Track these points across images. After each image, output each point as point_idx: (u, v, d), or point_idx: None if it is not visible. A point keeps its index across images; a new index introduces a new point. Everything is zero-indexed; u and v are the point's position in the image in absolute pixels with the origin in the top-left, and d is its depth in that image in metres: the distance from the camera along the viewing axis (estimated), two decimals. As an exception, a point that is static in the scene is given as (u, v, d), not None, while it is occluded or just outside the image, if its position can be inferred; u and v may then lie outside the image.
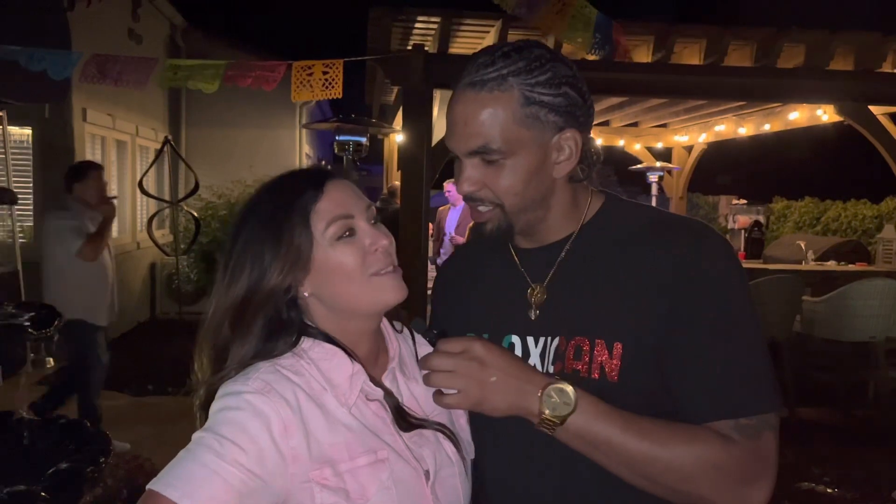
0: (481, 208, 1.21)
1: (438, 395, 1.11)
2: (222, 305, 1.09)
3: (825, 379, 6.22)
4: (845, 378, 6.08)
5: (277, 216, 1.10)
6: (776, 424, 1.10)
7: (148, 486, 0.97)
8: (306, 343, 1.11)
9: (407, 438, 1.12)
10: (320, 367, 1.09)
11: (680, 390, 1.10)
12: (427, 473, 1.11)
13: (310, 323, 1.14)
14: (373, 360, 1.18)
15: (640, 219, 1.23)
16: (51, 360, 6.92)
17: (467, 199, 1.22)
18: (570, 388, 1.05)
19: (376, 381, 1.14)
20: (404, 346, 1.25)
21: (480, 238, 1.25)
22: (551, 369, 1.17)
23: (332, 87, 4.99)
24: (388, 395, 1.13)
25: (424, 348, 1.26)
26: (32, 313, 2.55)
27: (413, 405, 1.17)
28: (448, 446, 1.17)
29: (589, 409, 1.06)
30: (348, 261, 1.10)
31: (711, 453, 1.05)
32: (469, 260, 1.42)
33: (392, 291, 1.13)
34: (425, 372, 1.11)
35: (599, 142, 10.86)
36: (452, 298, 1.37)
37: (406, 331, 1.28)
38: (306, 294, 1.12)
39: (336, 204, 1.11)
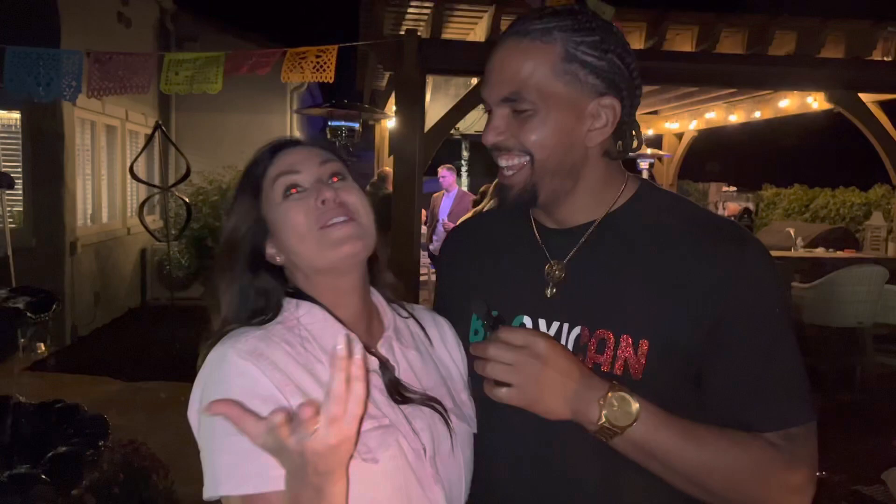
0: (507, 162, 1.14)
1: (490, 386, 1.05)
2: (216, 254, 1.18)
3: (813, 364, 6.27)
4: (833, 363, 6.14)
5: (241, 184, 1.17)
6: (816, 431, 1.10)
7: (214, 494, 0.96)
8: (301, 310, 1.10)
9: (405, 410, 1.08)
10: (313, 332, 1.08)
11: (723, 397, 1.08)
12: (425, 448, 1.08)
13: (301, 292, 1.13)
14: (363, 328, 1.14)
15: (678, 213, 1.16)
16: (42, 345, 6.91)
17: (493, 150, 1.15)
18: (631, 398, 1.02)
19: (371, 350, 1.10)
20: (399, 320, 1.21)
21: (502, 207, 1.19)
22: None
23: (324, 70, 4.98)
24: (384, 366, 1.10)
25: (431, 324, 1.24)
26: (29, 297, 2.54)
27: (409, 375, 1.14)
28: (442, 421, 1.12)
29: (650, 419, 1.02)
30: (293, 217, 1.10)
31: (765, 462, 1.03)
32: (486, 227, 1.35)
33: (344, 244, 1.08)
34: (478, 359, 1.05)
35: (650, 132, 10.73)
36: (463, 264, 1.30)
37: (400, 307, 1.24)
38: (279, 259, 1.14)
39: (282, 165, 1.13)
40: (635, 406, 1.01)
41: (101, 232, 8.49)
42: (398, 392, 1.09)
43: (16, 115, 7.27)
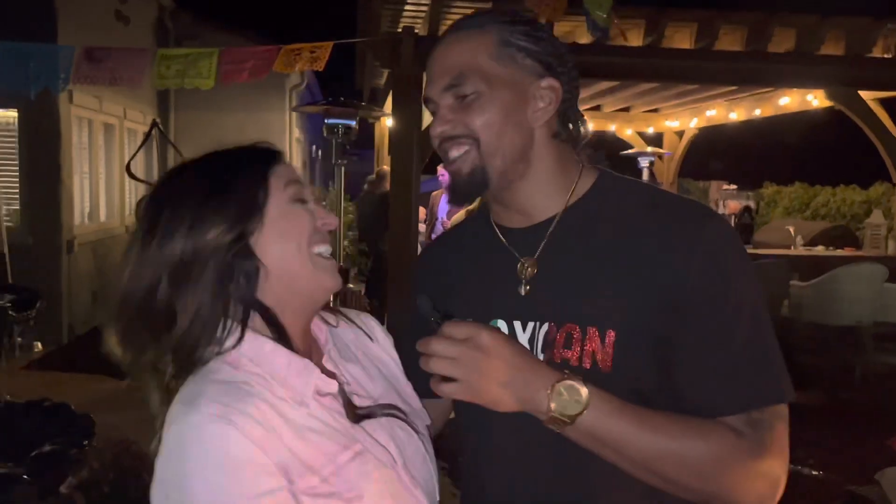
0: (454, 152, 1.14)
1: (436, 382, 1.03)
2: (154, 265, 0.99)
3: (812, 362, 6.26)
4: (832, 362, 6.13)
5: (230, 168, 1.07)
6: (786, 414, 1.07)
7: None
8: (245, 346, 1.00)
9: (365, 426, 1.05)
10: (263, 367, 1.00)
11: (687, 382, 1.06)
12: (395, 458, 1.05)
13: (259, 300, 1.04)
14: (308, 352, 1.09)
15: (638, 197, 1.16)
16: (39, 344, 6.91)
17: (442, 143, 1.15)
18: (581, 386, 1.00)
19: (326, 371, 1.06)
20: (332, 332, 1.18)
21: (452, 200, 1.19)
22: (541, 357, 1.10)
23: (316, 61, 4.98)
24: (341, 387, 1.06)
25: (351, 329, 1.22)
26: (13, 295, 2.52)
27: (357, 389, 1.10)
28: (400, 425, 1.10)
29: (601, 406, 1.00)
30: (300, 223, 1.05)
31: (725, 449, 1.01)
32: (451, 243, 1.37)
33: (332, 278, 1.07)
34: (423, 356, 1.03)
35: (591, 126, 10.79)
36: (433, 282, 1.28)
37: (331, 315, 1.21)
38: (258, 256, 1.03)
39: (291, 172, 1.10)
40: (584, 393, 1.00)
41: (98, 230, 8.48)
42: (352, 410, 1.05)
43: (13, 114, 7.27)
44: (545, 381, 1.01)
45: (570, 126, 1.18)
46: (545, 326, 1.12)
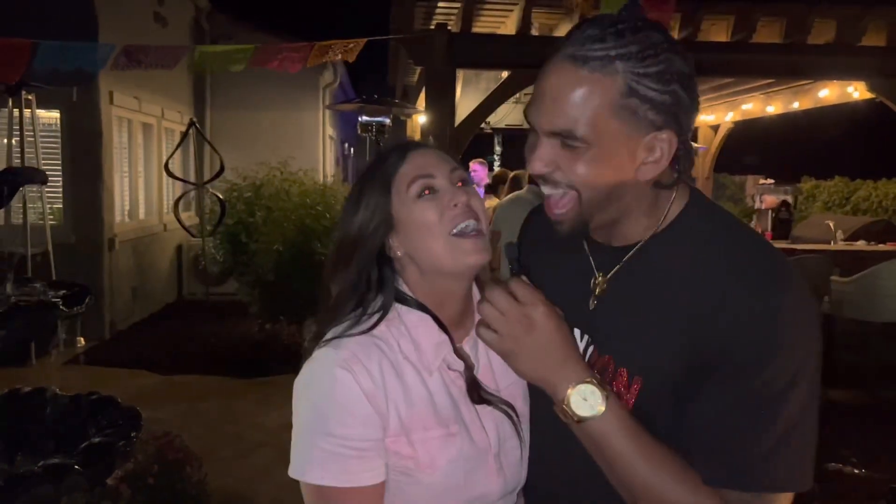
0: (550, 190, 1.09)
1: (479, 326, 1.09)
2: (334, 243, 1.24)
3: (854, 360, 6.14)
4: (874, 359, 6.00)
5: (365, 182, 1.23)
6: (789, 501, 1.02)
7: (300, 477, 1.09)
8: (403, 309, 1.18)
9: (478, 409, 1.17)
10: (412, 333, 1.16)
11: (695, 444, 1.02)
12: (491, 445, 1.16)
13: (405, 291, 1.20)
14: (458, 323, 1.22)
15: (714, 243, 1.08)
16: (82, 339, 7.07)
17: (538, 178, 1.10)
18: (602, 396, 1.02)
19: (458, 350, 1.19)
20: None
21: (556, 236, 1.14)
22: None
23: (348, 52, 5.03)
24: (467, 367, 1.18)
25: None
26: (64, 291, 2.60)
27: (487, 373, 1.22)
28: (509, 423, 1.21)
29: (613, 422, 1.02)
30: (427, 216, 1.16)
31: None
32: (536, 244, 1.33)
33: (473, 254, 1.15)
34: (480, 299, 1.11)
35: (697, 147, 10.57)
36: (536, 255, 1.29)
37: None
38: (399, 253, 1.19)
39: (416, 167, 1.19)
40: (601, 405, 1.02)
41: (137, 228, 8.63)
42: (476, 392, 1.17)
43: (55, 115, 7.43)
44: (573, 376, 1.04)
45: (678, 168, 1.09)
46: (591, 348, 1.15)
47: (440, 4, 6.52)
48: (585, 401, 1.02)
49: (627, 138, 1.03)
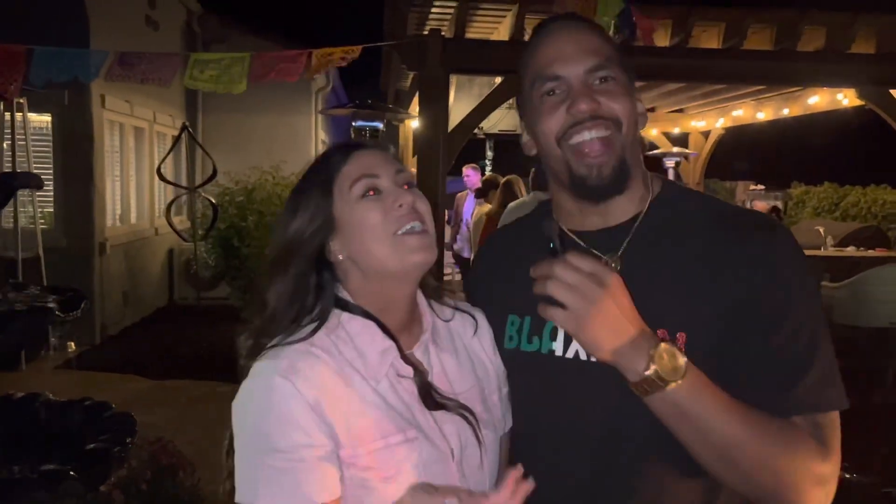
0: (597, 132, 1.13)
1: (545, 306, 1.01)
2: (271, 250, 1.19)
3: (843, 365, 6.13)
4: (864, 364, 6.04)
5: (306, 182, 1.19)
6: (839, 423, 1.08)
7: (248, 502, 1.02)
8: (345, 316, 1.13)
9: (436, 415, 1.12)
10: (355, 341, 1.11)
11: (753, 384, 1.05)
12: (453, 452, 1.11)
13: (346, 297, 1.15)
14: (406, 330, 1.17)
15: (704, 207, 1.21)
16: (72, 343, 7.03)
17: (576, 123, 1.13)
18: (679, 354, 0.99)
19: (407, 357, 1.13)
20: (438, 320, 1.23)
21: (583, 192, 1.17)
22: None
23: (345, 60, 5.05)
24: (418, 372, 1.13)
25: (461, 320, 1.25)
26: (58, 296, 2.59)
27: (442, 379, 1.16)
28: (468, 427, 1.15)
29: (695, 380, 0.99)
30: (371, 216, 1.12)
31: (799, 447, 1.02)
32: (516, 239, 1.36)
33: (419, 251, 1.11)
34: (536, 278, 1.02)
35: (676, 130, 10.62)
36: (499, 278, 1.30)
37: (437, 305, 1.25)
38: (341, 257, 1.14)
39: (360, 166, 1.15)
40: (682, 361, 0.99)
41: (129, 232, 8.60)
42: (431, 397, 1.12)
43: (47, 118, 7.40)
44: (649, 342, 1.00)
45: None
46: None
47: (434, 10, 6.53)
48: (668, 362, 0.98)
49: (630, 81, 1.19)
